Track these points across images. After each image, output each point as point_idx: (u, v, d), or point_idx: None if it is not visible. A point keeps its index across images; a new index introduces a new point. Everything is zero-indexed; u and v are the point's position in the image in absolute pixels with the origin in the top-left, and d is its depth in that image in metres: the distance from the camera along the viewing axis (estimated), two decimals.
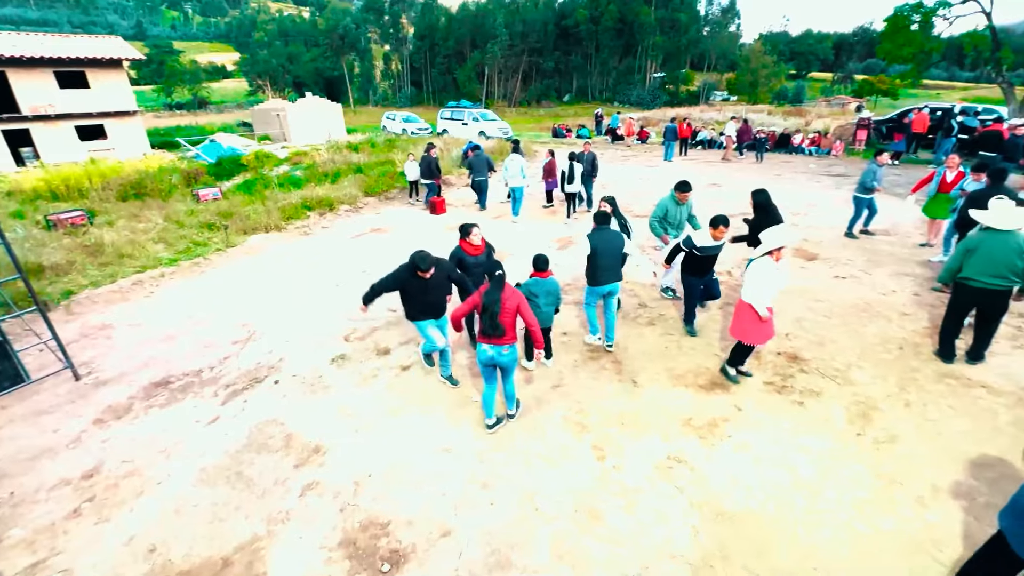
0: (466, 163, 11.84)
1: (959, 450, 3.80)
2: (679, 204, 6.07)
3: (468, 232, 5.02)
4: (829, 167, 16.13)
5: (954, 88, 64.31)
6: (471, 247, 5.02)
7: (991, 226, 4.34)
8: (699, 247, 5.09)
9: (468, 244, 5.02)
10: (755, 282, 4.27)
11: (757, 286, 4.27)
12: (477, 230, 5.04)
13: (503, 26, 69.87)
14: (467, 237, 5.01)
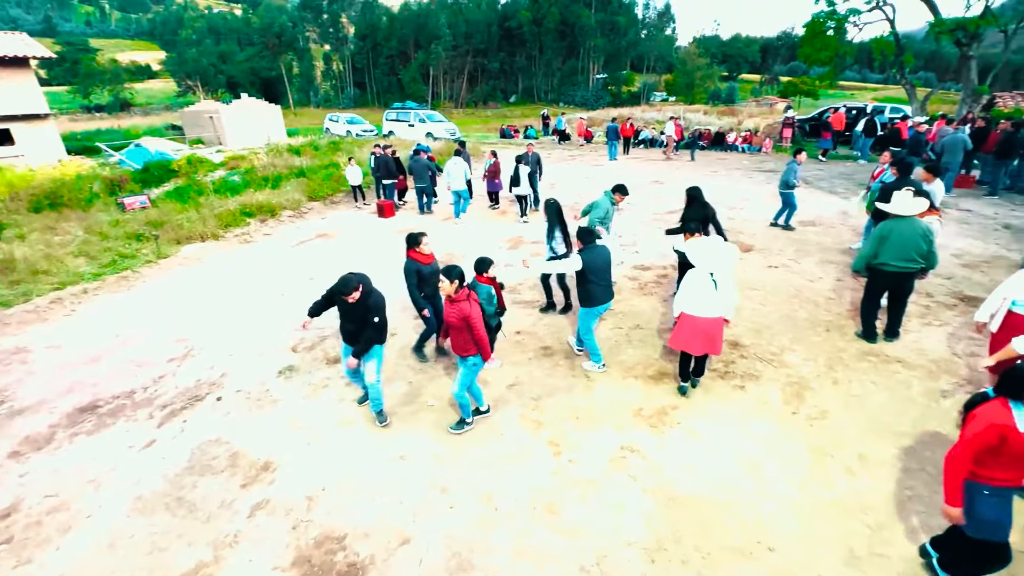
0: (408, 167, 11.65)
1: (880, 421, 4.15)
2: (614, 205, 6.29)
3: (418, 242, 4.95)
4: (760, 163, 17.12)
5: (866, 88, 69.77)
6: (423, 256, 4.97)
7: (898, 214, 4.76)
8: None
9: (419, 254, 4.96)
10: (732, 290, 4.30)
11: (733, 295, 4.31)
12: (426, 238, 4.99)
13: (446, 27, 69.42)
14: (417, 247, 4.95)
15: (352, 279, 3.93)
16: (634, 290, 6.89)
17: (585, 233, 4.82)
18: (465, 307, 3.77)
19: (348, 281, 3.90)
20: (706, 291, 4.19)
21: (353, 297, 3.92)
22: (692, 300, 4.24)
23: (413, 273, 4.91)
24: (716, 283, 4.18)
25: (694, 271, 4.28)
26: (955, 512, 2.52)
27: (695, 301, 4.22)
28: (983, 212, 9.94)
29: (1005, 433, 2.34)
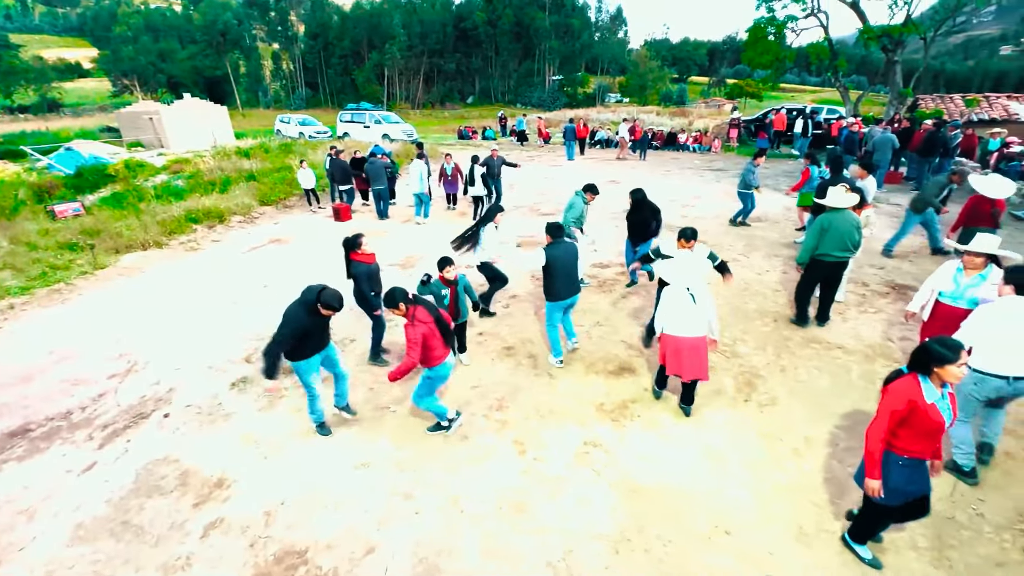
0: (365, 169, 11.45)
1: (824, 404, 4.40)
2: (587, 204, 6.45)
3: (358, 243, 4.93)
4: (710, 163, 17.80)
5: (805, 91, 73.82)
6: (365, 256, 4.95)
7: (833, 206, 5.08)
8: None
9: (362, 255, 4.93)
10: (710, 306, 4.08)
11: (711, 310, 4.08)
12: (364, 239, 4.98)
13: (401, 27, 68.45)
14: (358, 248, 4.93)
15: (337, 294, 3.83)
16: (594, 288, 7.02)
17: (554, 228, 4.84)
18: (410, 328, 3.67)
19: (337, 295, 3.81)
20: (685, 308, 3.98)
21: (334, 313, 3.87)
22: (672, 319, 4.04)
23: (365, 275, 4.88)
24: (694, 298, 3.95)
25: (670, 288, 4.09)
26: (875, 484, 2.68)
27: (675, 320, 4.02)
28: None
29: (913, 406, 2.53)
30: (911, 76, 19.85)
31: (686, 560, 3.07)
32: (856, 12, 18.52)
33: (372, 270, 4.97)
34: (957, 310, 3.87)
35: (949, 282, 3.96)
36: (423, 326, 3.67)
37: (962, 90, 34.22)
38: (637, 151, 19.69)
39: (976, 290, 3.81)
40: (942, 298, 4.00)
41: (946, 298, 3.97)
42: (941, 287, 4.01)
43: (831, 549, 3.10)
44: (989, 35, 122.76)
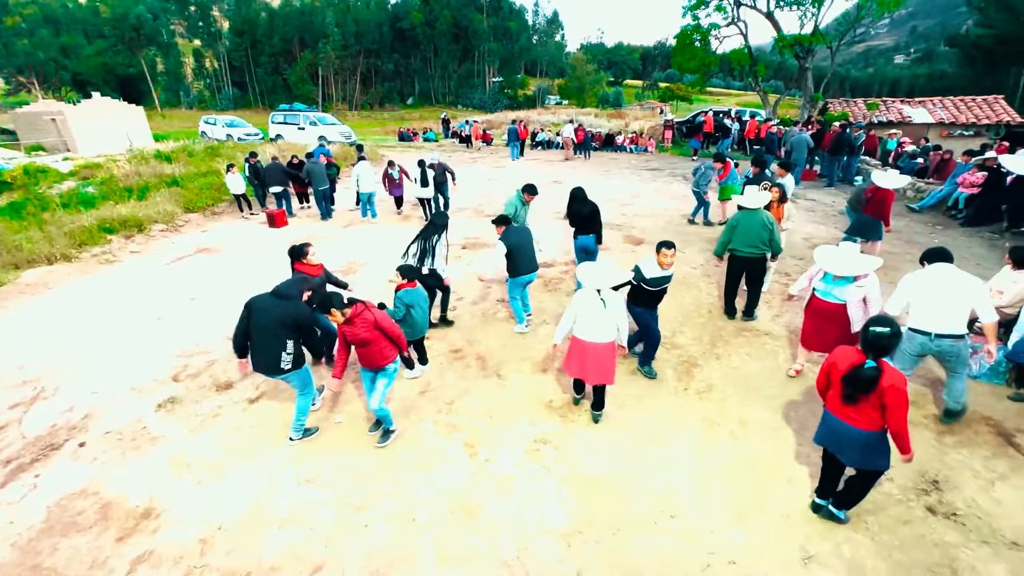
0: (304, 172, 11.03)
1: (755, 388, 4.70)
2: (525, 205, 6.51)
3: (304, 253, 4.76)
4: (646, 163, 18.52)
5: (730, 95, 78.46)
6: (310, 268, 4.76)
7: (744, 206, 5.46)
8: (648, 279, 4.45)
9: (307, 266, 4.75)
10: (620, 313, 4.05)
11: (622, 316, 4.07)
12: (311, 248, 4.80)
13: (334, 25, 66.26)
14: (304, 259, 4.74)
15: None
16: (539, 287, 7.11)
17: (501, 219, 5.49)
18: (369, 316, 3.67)
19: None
20: (594, 313, 3.91)
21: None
22: (580, 323, 3.99)
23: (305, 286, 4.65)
24: (604, 302, 3.90)
25: (582, 291, 4.00)
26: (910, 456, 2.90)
27: (583, 324, 3.97)
28: (824, 201, 11.66)
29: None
30: (821, 81, 21.60)
31: (635, 546, 3.18)
32: (771, 22, 19.94)
33: (319, 281, 4.74)
34: (825, 304, 4.26)
35: (821, 279, 4.33)
36: (362, 328, 3.65)
37: (864, 95, 37.72)
38: (580, 152, 20.18)
39: (842, 290, 4.15)
40: (816, 291, 4.39)
41: (818, 292, 4.36)
42: (817, 279, 4.38)
43: (766, 523, 3.32)
44: (885, 45, 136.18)
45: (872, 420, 2.84)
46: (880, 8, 18.47)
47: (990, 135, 16.23)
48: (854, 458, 2.99)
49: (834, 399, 3.00)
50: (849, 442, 2.95)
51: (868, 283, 4.13)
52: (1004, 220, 9.12)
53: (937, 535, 3.19)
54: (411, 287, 4.57)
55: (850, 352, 2.92)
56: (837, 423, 2.98)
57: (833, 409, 3.02)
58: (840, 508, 3.25)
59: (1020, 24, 32.94)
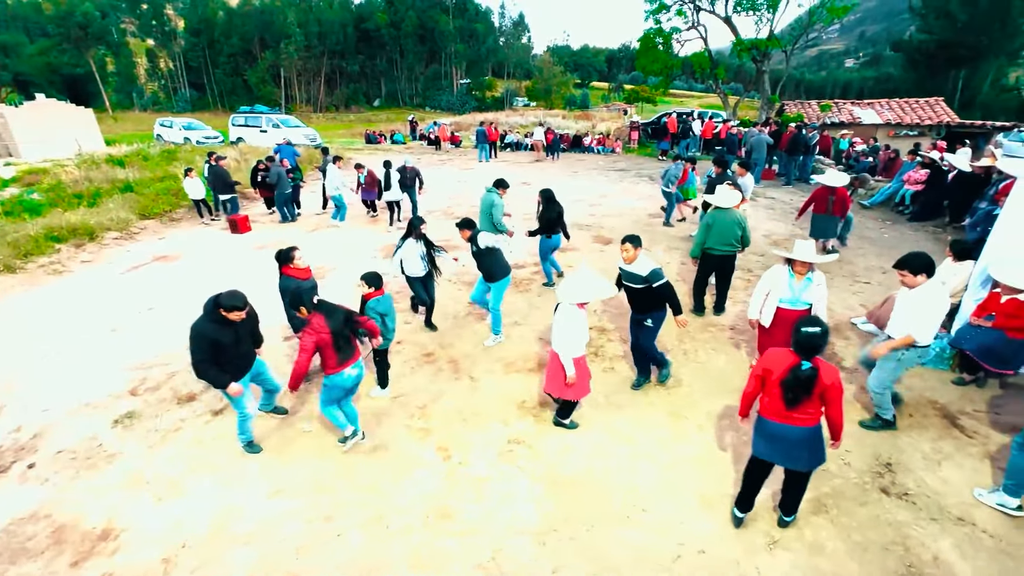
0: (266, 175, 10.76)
1: (721, 382, 4.84)
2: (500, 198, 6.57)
3: (291, 257, 4.66)
4: (614, 163, 18.84)
5: (693, 97, 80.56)
6: (299, 271, 4.67)
7: (719, 206, 5.61)
8: (623, 272, 4.43)
9: (295, 269, 4.66)
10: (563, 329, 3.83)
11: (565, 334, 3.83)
12: (298, 252, 4.69)
13: (296, 25, 64.75)
14: (291, 263, 4.66)
15: (236, 292, 3.57)
16: (510, 289, 7.12)
17: (466, 222, 5.35)
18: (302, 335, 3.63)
19: (235, 295, 3.54)
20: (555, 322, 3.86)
21: (244, 313, 3.58)
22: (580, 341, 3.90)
23: (291, 292, 4.56)
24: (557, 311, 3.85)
25: (563, 306, 3.84)
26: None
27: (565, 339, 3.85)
28: (783, 199, 12.11)
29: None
30: (777, 84, 22.46)
31: (608, 541, 3.23)
32: (729, 26, 20.61)
33: (302, 286, 4.62)
34: (795, 312, 4.27)
35: (785, 288, 4.25)
36: (314, 335, 3.58)
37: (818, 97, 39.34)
38: (550, 154, 20.36)
39: (808, 293, 4.21)
40: (782, 303, 4.29)
41: (785, 303, 4.32)
42: (780, 294, 4.27)
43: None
44: (836, 50, 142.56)
45: (815, 416, 2.89)
46: (830, 14, 19.35)
47: (932, 135, 17.20)
48: (802, 460, 2.96)
49: (773, 405, 2.94)
50: (797, 444, 2.92)
51: (823, 280, 4.30)
52: (946, 215, 9.69)
53: (891, 515, 3.36)
54: (380, 295, 4.48)
55: (782, 355, 2.89)
56: (780, 428, 2.93)
57: (773, 415, 2.95)
58: (789, 515, 3.27)
59: (957, 30, 35.05)
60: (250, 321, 3.79)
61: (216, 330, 3.50)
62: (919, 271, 3.67)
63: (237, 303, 3.49)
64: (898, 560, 3.05)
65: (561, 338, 3.85)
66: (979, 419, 4.26)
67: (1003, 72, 40.14)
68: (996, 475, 3.65)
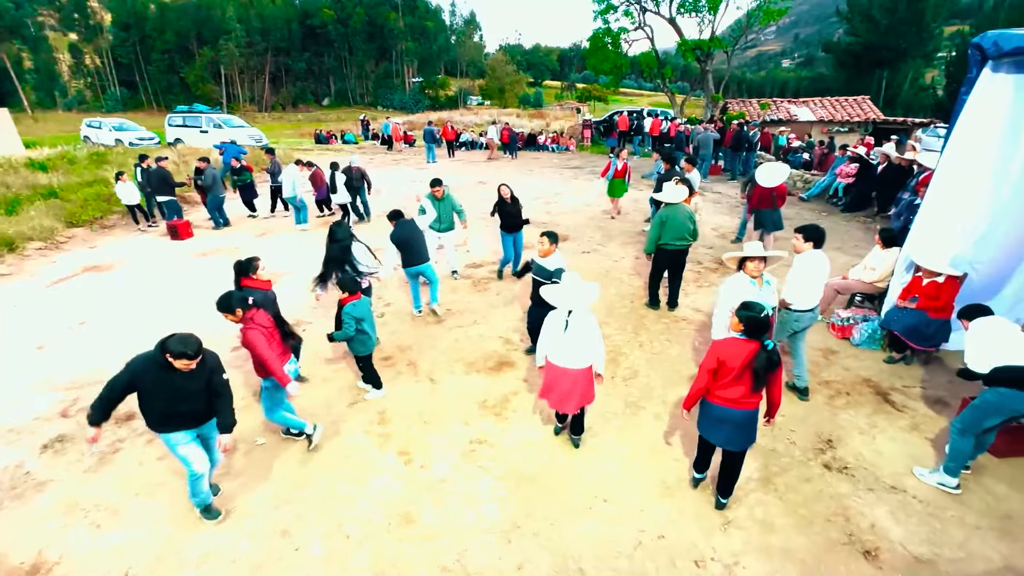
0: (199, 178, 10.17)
1: (675, 371, 5.01)
2: (439, 200, 6.50)
3: (253, 268, 4.36)
4: (568, 161, 19.10)
5: (642, 95, 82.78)
6: (261, 283, 4.40)
7: (670, 201, 5.78)
8: (534, 264, 4.54)
9: (257, 281, 4.36)
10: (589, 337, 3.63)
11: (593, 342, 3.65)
12: (261, 263, 4.45)
13: (236, 21, 61.80)
14: (253, 274, 4.35)
15: (189, 338, 2.92)
16: (469, 288, 7.11)
17: (394, 213, 5.80)
18: (246, 332, 3.50)
19: (187, 340, 2.90)
20: (568, 336, 3.58)
21: (194, 363, 2.94)
22: (556, 348, 3.64)
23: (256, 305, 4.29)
24: (569, 324, 3.57)
25: (554, 313, 3.67)
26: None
27: (560, 349, 3.63)
28: (728, 193, 12.65)
29: None
30: (720, 83, 23.39)
31: (572, 533, 3.27)
32: (674, 27, 21.30)
33: (270, 297, 4.41)
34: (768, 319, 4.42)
35: (753, 297, 3.87)
36: (258, 328, 3.48)
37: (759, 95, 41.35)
38: (508, 152, 20.40)
39: (770, 297, 4.14)
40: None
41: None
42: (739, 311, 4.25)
43: (689, 495, 3.55)
44: (774, 51, 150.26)
45: (757, 400, 3.08)
46: (765, 17, 20.34)
47: (861, 131, 18.41)
48: (739, 441, 3.15)
49: (725, 391, 3.04)
50: (739, 426, 3.09)
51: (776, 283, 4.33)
52: (875, 206, 10.39)
53: (832, 488, 3.58)
54: (356, 299, 4.34)
55: (737, 345, 2.97)
56: (726, 412, 3.07)
57: (726, 401, 3.06)
58: (725, 496, 3.42)
59: (879, 34, 37.64)
60: (203, 373, 3.06)
61: (155, 375, 2.96)
62: (808, 239, 4.21)
63: (187, 350, 2.87)
64: (840, 530, 3.25)
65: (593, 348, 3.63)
66: (907, 394, 4.60)
67: (920, 72, 43.48)
68: (924, 445, 3.96)
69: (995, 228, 4.60)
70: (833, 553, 3.10)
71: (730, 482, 3.39)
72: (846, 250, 8.39)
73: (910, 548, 3.12)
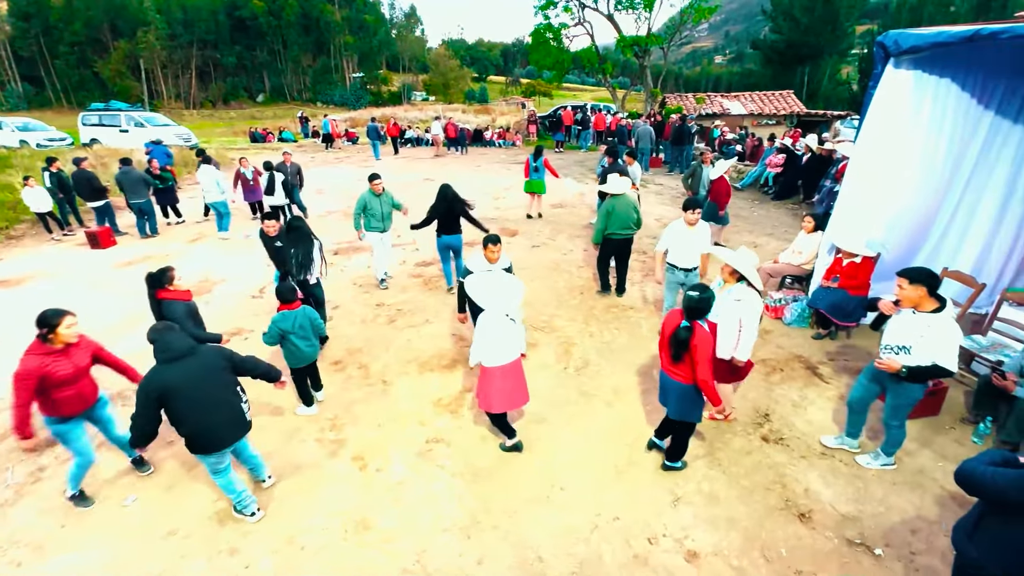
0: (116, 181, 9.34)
1: (625, 358, 5.17)
2: (377, 196, 6.38)
3: (168, 279, 4.04)
4: (515, 156, 19.17)
5: (586, 91, 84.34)
6: (180, 294, 4.10)
7: (613, 193, 5.96)
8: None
9: (175, 292, 4.07)
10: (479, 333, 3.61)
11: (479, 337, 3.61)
12: (176, 272, 4.14)
13: (155, 11, 57.50)
14: (170, 284, 4.04)
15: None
16: (420, 287, 7.03)
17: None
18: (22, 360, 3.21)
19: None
20: (504, 334, 3.58)
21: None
22: (493, 349, 3.57)
23: (186, 315, 4.03)
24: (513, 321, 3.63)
25: (487, 314, 3.59)
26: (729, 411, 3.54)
27: (498, 350, 3.58)
28: (670, 185, 13.15)
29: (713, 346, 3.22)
30: (658, 78, 24.22)
31: (530, 524, 3.33)
32: (612, 23, 21.83)
33: (192, 307, 4.16)
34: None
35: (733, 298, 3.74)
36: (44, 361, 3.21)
37: (694, 90, 43.13)
38: (457, 148, 20.21)
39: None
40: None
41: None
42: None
43: (641, 476, 3.70)
44: (707, 47, 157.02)
45: (687, 375, 3.26)
46: (697, 15, 21.23)
47: (787, 124, 19.61)
48: (675, 409, 3.42)
49: (664, 359, 3.40)
50: (673, 395, 3.38)
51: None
52: (801, 193, 11.13)
53: (770, 459, 3.83)
54: (291, 309, 4.14)
55: (673, 315, 3.30)
56: (665, 379, 3.43)
57: (664, 368, 3.43)
58: (671, 460, 3.70)
59: (800, 32, 40.11)
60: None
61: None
62: (688, 208, 5.01)
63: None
64: (778, 497, 3.49)
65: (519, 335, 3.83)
66: (833, 367, 4.99)
67: (837, 68, 46.71)
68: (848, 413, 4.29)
69: (902, 212, 5.06)
70: (772, 518, 3.33)
71: (674, 449, 3.64)
72: (777, 235, 8.95)
73: (839, 507, 3.39)
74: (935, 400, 4.23)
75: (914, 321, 3.15)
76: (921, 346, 3.09)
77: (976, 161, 5.26)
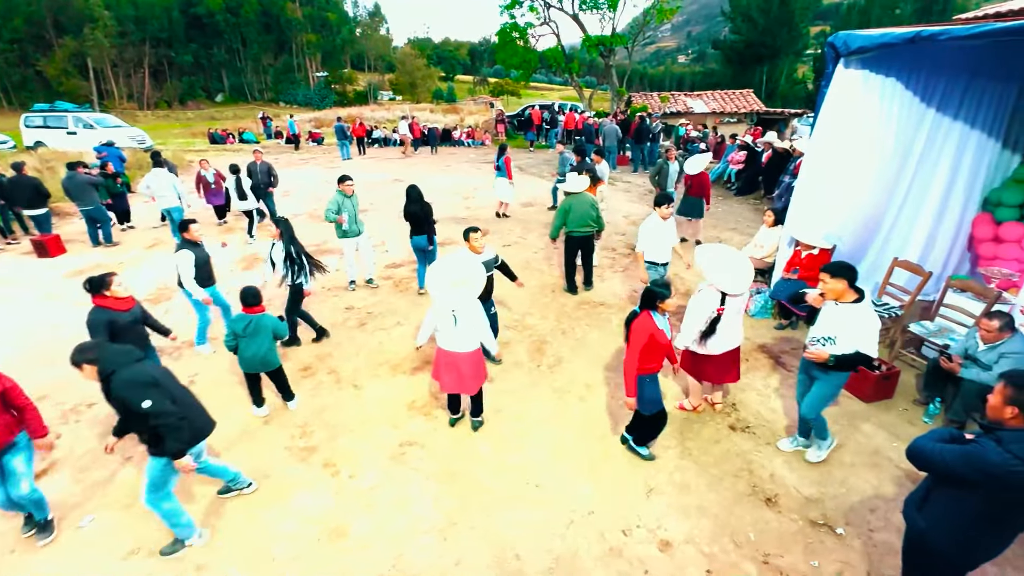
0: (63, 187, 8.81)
1: (596, 354, 5.24)
2: (348, 197, 6.28)
3: (105, 284, 3.83)
4: (485, 156, 19.13)
5: (553, 90, 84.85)
6: (117, 301, 3.89)
7: (571, 191, 6.05)
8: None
9: (110, 299, 3.85)
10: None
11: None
12: (116, 278, 3.92)
13: (103, 7, 54.76)
14: (105, 290, 3.83)
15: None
16: (390, 289, 6.95)
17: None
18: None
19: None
20: (460, 325, 3.72)
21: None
22: (448, 335, 3.77)
23: (103, 326, 3.78)
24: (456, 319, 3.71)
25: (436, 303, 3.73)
26: (632, 401, 3.51)
27: (452, 336, 3.76)
28: (636, 182, 13.38)
29: (651, 335, 3.31)
30: (623, 77, 24.59)
31: (506, 522, 3.33)
32: (577, 23, 22.04)
33: (120, 319, 3.86)
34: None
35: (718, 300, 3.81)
36: None
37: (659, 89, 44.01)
38: (430, 147, 20.03)
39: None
40: None
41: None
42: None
43: (615, 469, 3.75)
44: (671, 47, 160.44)
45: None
46: (659, 15, 21.65)
47: (748, 121, 20.23)
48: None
49: None
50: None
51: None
52: (762, 189, 11.50)
53: (738, 447, 3.94)
54: (250, 312, 4.02)
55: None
56: None
57: None
58: (639, 444, 3.85)
59: (758, 32, 41.47)
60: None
61: None
62: (661, 204, 5.28)
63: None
64: (745, 483, 3.60)
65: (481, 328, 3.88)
66: (794, 355, 5.17)
67: (794, 68, 48.51)
68: None
69: (855, 205, 5.29)
70: (740, 504, 3.43)
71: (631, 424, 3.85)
72: (740, 230, 9.22)
73: (802, 491, 3.53)
74: (889, 384, 4.44)
75: (837, 312, 3.28)
76: (845, 336, 3.22)
77: (920, 156, 5.56)
